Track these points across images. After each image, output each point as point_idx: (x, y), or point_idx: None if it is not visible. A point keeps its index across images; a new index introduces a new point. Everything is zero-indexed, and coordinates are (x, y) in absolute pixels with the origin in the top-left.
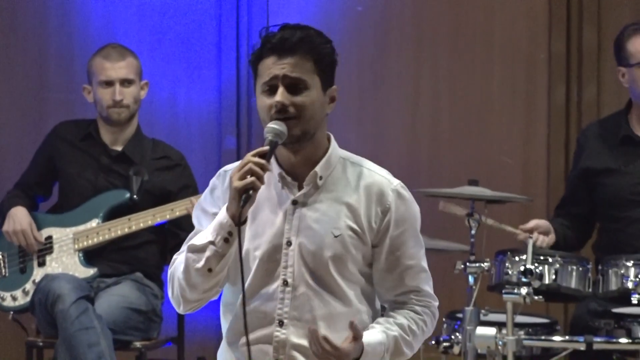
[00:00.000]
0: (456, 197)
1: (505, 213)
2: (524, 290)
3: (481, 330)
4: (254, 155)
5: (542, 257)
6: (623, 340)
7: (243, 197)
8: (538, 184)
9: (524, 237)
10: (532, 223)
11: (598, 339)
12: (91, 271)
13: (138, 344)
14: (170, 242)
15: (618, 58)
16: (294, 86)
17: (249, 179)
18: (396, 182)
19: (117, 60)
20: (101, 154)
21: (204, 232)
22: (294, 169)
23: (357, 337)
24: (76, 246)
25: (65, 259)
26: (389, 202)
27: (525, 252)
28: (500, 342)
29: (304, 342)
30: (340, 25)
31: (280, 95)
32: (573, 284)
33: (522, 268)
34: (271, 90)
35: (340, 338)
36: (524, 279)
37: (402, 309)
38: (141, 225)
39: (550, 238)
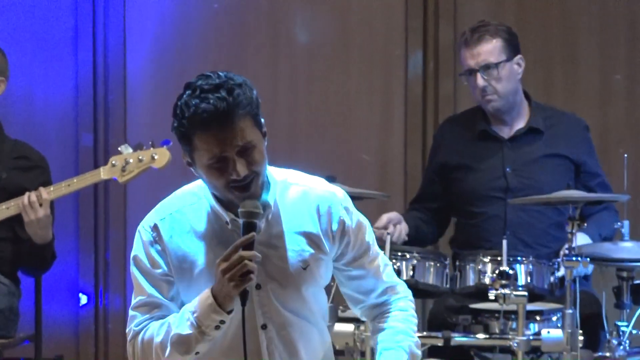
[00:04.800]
0: None
1: (362, 210)
2: None
3: (339, 327)
4: (242, 248)
5: (399, 253)
6: (480, 335)
7: (242, 294)
8: (395, 180)
9: (380, 234)
10: (384, 219)
11: (455, 335)
12: None
13: None
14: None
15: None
16: (244, 149)
17: (248, 277)
18: (340, 195)
19: None
20: None
21: (184, 319)
22: None
23: None
24: None
25: None
26: (341, 217)
27: (383, 249)
28: (358, 339)
29: None
30: (198, 23)
31: (241, 168)
32: (431, 279)
33: None
34: (222, 163)
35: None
36: None
37: (389, 312)
38: None
39: (404, 227)
